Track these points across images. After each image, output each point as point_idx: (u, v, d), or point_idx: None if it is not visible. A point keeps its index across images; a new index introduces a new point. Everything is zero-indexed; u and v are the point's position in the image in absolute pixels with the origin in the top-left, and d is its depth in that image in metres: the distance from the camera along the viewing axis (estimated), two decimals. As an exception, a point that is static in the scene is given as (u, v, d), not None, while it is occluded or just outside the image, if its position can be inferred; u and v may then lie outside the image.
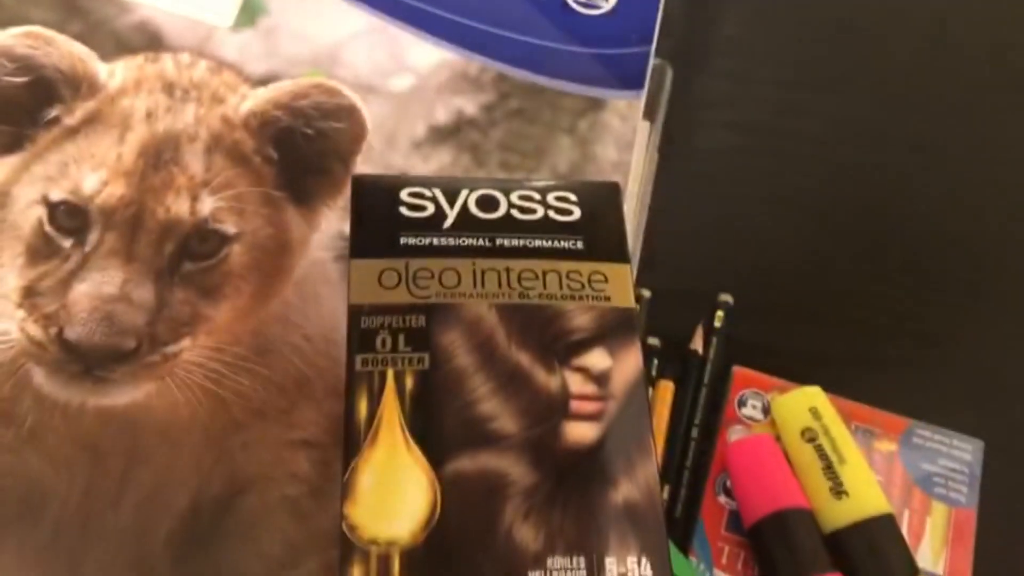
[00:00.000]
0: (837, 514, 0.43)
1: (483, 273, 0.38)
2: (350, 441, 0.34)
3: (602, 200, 0.41)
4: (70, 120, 0.43)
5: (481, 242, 0.39)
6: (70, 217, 0.42)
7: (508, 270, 0.38)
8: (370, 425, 0.35)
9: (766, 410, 0.48)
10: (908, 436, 0.47)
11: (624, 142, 0.48)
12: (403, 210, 0.39)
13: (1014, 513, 0.47)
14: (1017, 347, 0.52)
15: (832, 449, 0.44)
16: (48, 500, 0.39)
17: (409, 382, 0.35)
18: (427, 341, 0.36)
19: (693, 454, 0.47)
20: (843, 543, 0.43)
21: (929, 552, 0.45)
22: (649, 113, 0.51)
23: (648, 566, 0.33)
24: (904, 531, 0.44)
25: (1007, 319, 0.53)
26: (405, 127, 0.47)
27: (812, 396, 0.46)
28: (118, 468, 0.40)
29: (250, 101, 0.45)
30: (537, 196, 0.41)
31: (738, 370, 0.49)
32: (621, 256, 0.40)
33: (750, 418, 0.48)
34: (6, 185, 0.42)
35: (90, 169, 0.42)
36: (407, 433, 0.35)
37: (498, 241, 0.39)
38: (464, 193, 0.40)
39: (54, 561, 0.38)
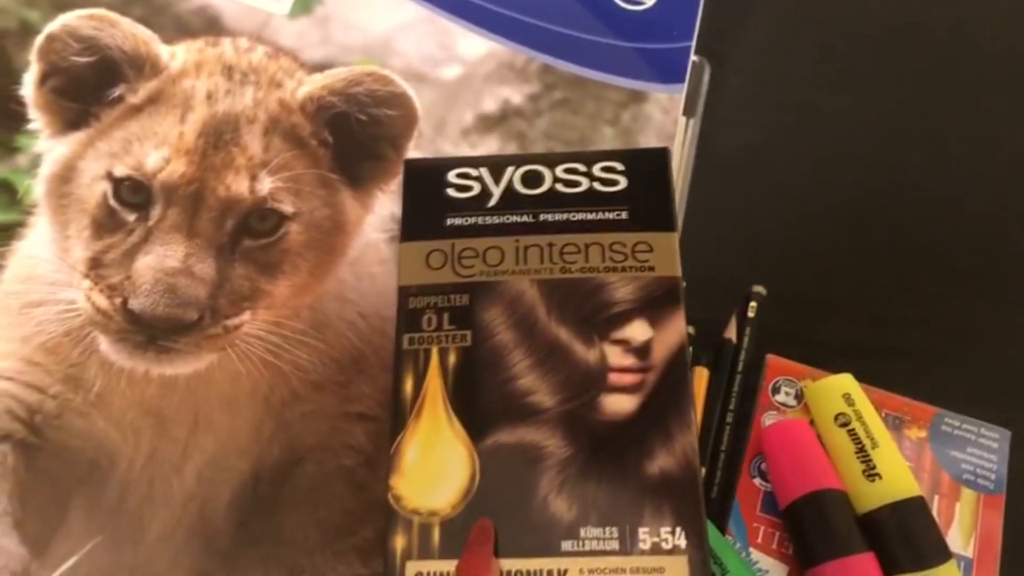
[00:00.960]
0: (870, 496, 0.44)
1: (526, 250, 0.39)
2: (397, 417, 0.36)
3: (650, 167, 0.42)
4: (133, 99, 0.45)
5: (525, 218, 0.40)
6: (134, 192, 0.43)
7: (551, 245, 0.39)
8: (415, 401, 0.36)
9: (799, 397, 0.49)
10: (937, 424, 0.48)
11: (665, 134, 0.49)
12: (450, 191, 0.41)
13: (1040, 501, 0.48)
14: (1042, 341, 0.53)
15: (865, 434, 0.46)
16: (115, 463, 0.40)
17: (452, 359, 0.37)
18: (470, 319, 0.38)
19: (728, 438, 0.49)
20: (876, 524, 0.44)
21: (959, 536, 0.46)
22: (688, 109, 0.52)
23: (683, 535, 0.34)
24: (935, 516, 0.45)
25: (1032, 313, 0.54)
26: (454, 115, 0.49)
27: (845, 383, 0.48)
28: (182, 434, 0.41)
29: (307, 86, 0.46)
30: (583, 168, 0.41)
31: (772, 358, 0.50)
32: (668, 224, 0.40)
33: (784, 404, 0.49)
34: (72, 160, 0.44)
35: (153, 147, 0.43)
36: (449, 408, 0.36)
37: (542, 216, 0.40)
38: (510, 170, 0.41)
39: (121, 522, 0.40)
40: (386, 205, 0.46)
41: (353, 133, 0.46)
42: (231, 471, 0.41)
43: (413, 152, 0.47)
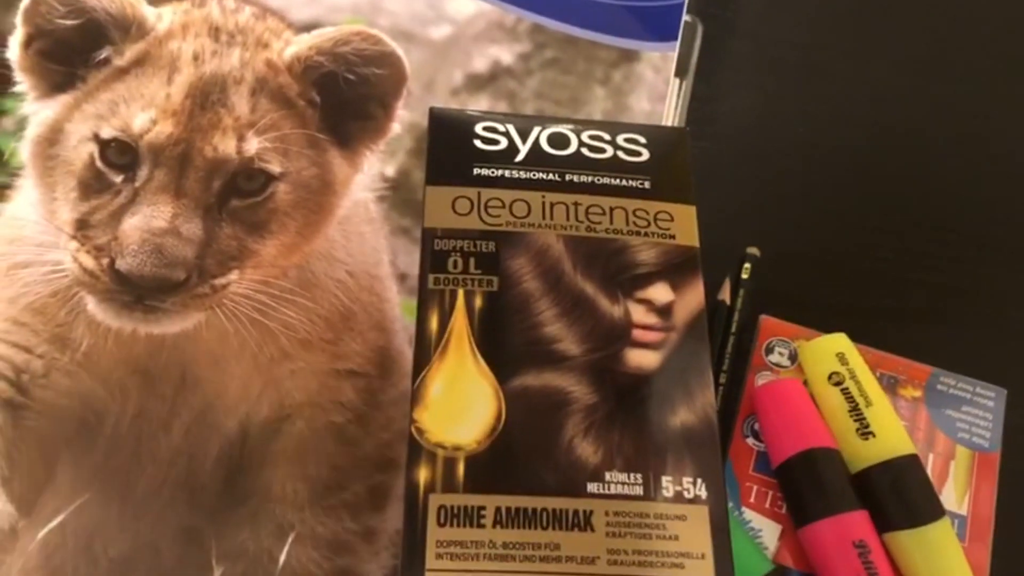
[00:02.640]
0: (863, 454, 0.44)
1: (552, 206, 0.40)
2: (421, 352, 0.36)
3: (670, 144, 0.43)
4: (120, 61, 0.44)
5: (551, 176, 0.40)
6: (120, 154, 0.43)
7: (576, 204, 0.40)
8: (440, 339, 0.36)
9: (792, 357, 0.49)
10: (932, 383, 0.48)
11: (657, 93, 0.49)
12: (477, 143, 0.41)
13: (1036, 458, 0.48)
14: (1038, 299, 0.53)
15: (859, 392, 0.45)
16: (103, 421, 0.40)
17: (478, 302, 0.37)
18: (496, 265, 0.38)
19: (721, 399, 0.48)
20: (869, 482, 0.43)
21: (953, 494, 0.46)
22: (680, 70, 0.52)
23: (703, 487, 0.35)
24: (929, 474, 0.45)
25: (1029, 271, 0.54)
26: (443, 75, 0.49)
27: (838, 342, 0.47)
28: (169, 392, 0.41)
29: (294, 46, 0.46)
30: (607, 136, 0.42)
31: (765, 319, 0.50)
32: (687, 198, 0.41)
33: (777, 364, 0.49)
34: (59, 122, 0.43)
35: (139, 108, 0.43)
36: (475, 348, 0.36)
37: (568, 176, 0.41)
38: (536, 130, 0.42)
39: (108, 479, 0.40)
40: (375, 165, 0.46)
41: (341, 93, 0.46)
42: (219, 428, 0.41)
43: (402, 111, 0.47)
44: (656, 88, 0.49)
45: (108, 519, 0.40)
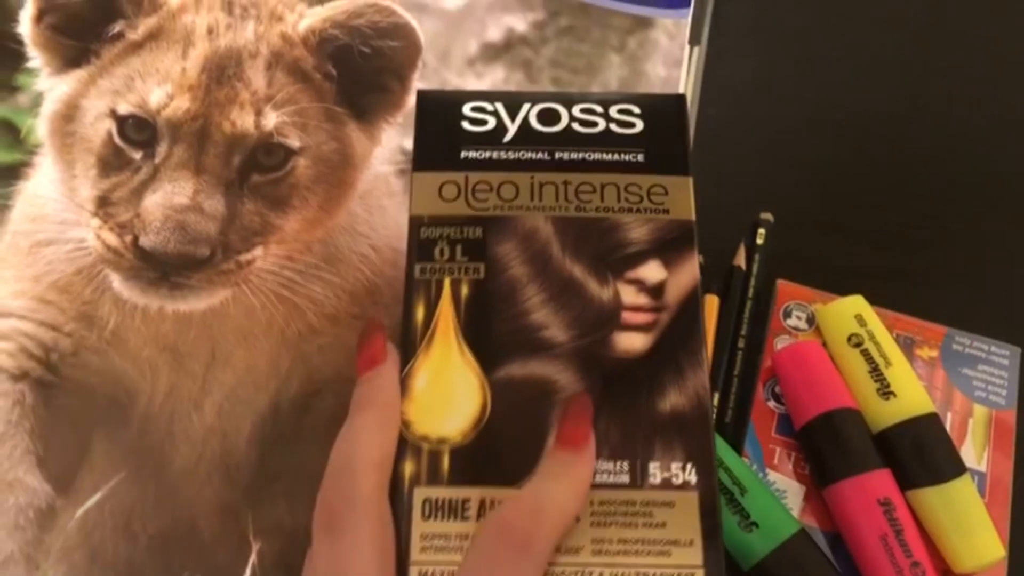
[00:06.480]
0: (885, 414, 0.45)
1: (541, 186, 0.39)
2: (407, 344, 0.36)
3: (666, 113, 0.41)
4: (133, 35, 0.44)
5: (540, 155, 0.40)
6: (138, 130, 0.42)
7: (566, 183, 0.39)
8: (426, 330, 0.36)
9: (810, 320, 0.49)
10: (948, 343, 0.49)
11: (672, 59, 0.49)
12: (465, 124, 0.40)
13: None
14: (1051, 259, 0.54)
15: (878, 353, 0.46)
16: (134, 399, 0.40)
17: (465, 290, 0.37)
18: (483, 252, 0.37)
19: (741, 363, 0.49)
20: (891, 441, 0.44)
21: (972, 451, 0.46)
22: (693, 38, 0.52)
23: (693, 471, 0.34)
24: (947, 432, 0.46)
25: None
26: (458, 45, 0.48)
27: (856, 304, 0.48)
28: (199, 370, 0.41)
29: (308, 19, 0.46)
30: (600, 109, 0.41)
31: (782, 283, 0.50)
32: (682, 169, 0.40)
33: (795, 328, 0.49)
34: (75, 98, 0.43)
35: (155, 83, 0.43)
36: (461, 338, 0.36)
37: (557, 154, 0.40)
38: (526, 107, 0.41)
39: (142, 458, 0.40)
40: (393, 137, 0.45)
41: (357, 66, 0.45)
42: (250, 405, 0.41)
43: (418, 83, 0.46)
44: (672, 54, 0.49)
45: (145, 497, 0.40)
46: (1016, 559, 0.43)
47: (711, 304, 0.50)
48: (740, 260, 0.52)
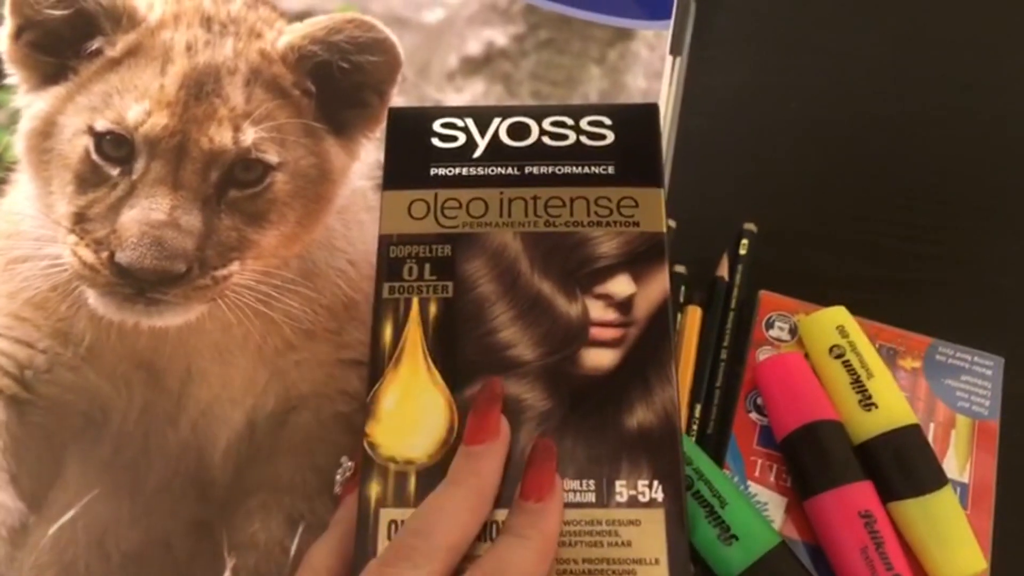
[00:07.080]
0: (866, 425, 0.44)
1: (510, 202, 0.39)
2: (375, 365, 0.36)
3: (638, 123, 0.41)
4: (112, 52, 0.44)
5: (510, 170, 0.39)
6: (116, 146, 0.42)
7: (535, 198, 0.39)
8: (394, 350, 0.36)
9: (793, 331, 0.49)
10: (931, 353, 0.49)
11: (652, 71, 0.49)
12: (435, 141, 0.40)
13: (1034, 425, 0.49)
14: (1034, 268, 0.53)
15: (860, 364, 0.46)
16: (109, 416, 0.40)
17: (433, 309, 0.36)
18: (452, 270, 0.37)
19: (723, 374, 0.49)
20: (873, 453, 0.44)
21: (955, 462, 0.46)
22: (674, 48, 0.52)
23: (660, 489, 0.34)
24: (930, 443, 0.46)
25: (1025, 240, 0.54)
26: (438, 59, 0.48)
27: (838, 315, 0.48)
28: (175, 386, 0.41)
29: (287, 36, 0.46)
30: (570, 121, 0.41)
31: (765, 294, 0.50)
32: (654, 180, 0.40)
33: (778, 339, 0.49)
34: (52, 115, 0.43)
35: (133, 100, 0.43)
36: (428, 358, 0.36)
37: (527, 169, 0.39)
38: (496, 121, 0.41)
39: (117, 474, 0.40)
40: (372, 152, 0.46)
41: (336, 81, 0.45)
42: (226, 421, 0.41)
43: (397, 97, 0.46)
44: (652, 65, 0.49)
45: (119, 514, 0.40)
46: (998, 571, 0.43)
47: (693, 315, 0.50)
48: (723, 270, 0.52)
